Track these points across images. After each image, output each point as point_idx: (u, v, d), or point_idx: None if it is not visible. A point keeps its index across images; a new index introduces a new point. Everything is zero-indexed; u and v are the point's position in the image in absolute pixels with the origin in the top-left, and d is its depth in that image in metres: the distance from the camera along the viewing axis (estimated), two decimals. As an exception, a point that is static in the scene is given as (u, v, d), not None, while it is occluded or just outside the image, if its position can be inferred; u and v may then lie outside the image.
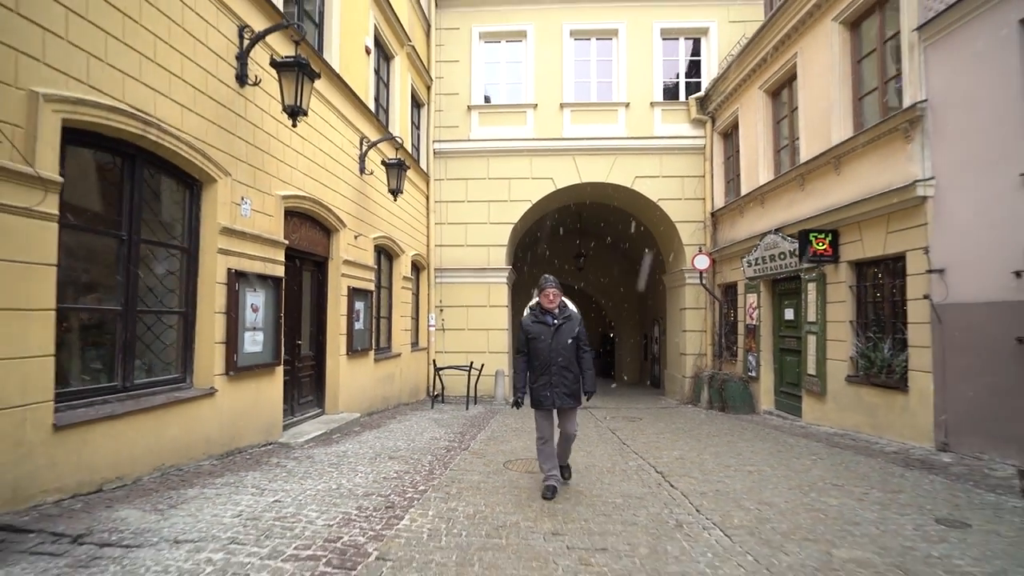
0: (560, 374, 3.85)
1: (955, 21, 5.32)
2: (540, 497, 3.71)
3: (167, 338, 4.25)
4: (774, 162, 8.92)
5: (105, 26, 3.49)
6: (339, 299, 6.84)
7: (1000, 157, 4.87)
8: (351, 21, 7.35)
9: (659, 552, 2.77)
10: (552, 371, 3.85)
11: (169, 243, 4.26)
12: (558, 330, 3.90)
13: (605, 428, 7.33)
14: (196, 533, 2.80)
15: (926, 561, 2.67)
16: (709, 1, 11.20)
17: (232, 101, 4.79)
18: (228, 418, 4.63)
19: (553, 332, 3.90)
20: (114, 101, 3.53)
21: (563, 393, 3.85)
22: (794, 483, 4.24)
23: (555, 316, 3.95)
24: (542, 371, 3.88)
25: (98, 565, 2.37)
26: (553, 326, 3.91)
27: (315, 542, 2.76)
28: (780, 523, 3.26)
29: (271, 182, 5.34)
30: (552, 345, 3.87)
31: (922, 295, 5.57)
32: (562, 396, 3.85)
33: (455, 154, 11.28)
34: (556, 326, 3.91)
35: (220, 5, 4.64)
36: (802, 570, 2.56)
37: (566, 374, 3.86)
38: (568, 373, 3.87)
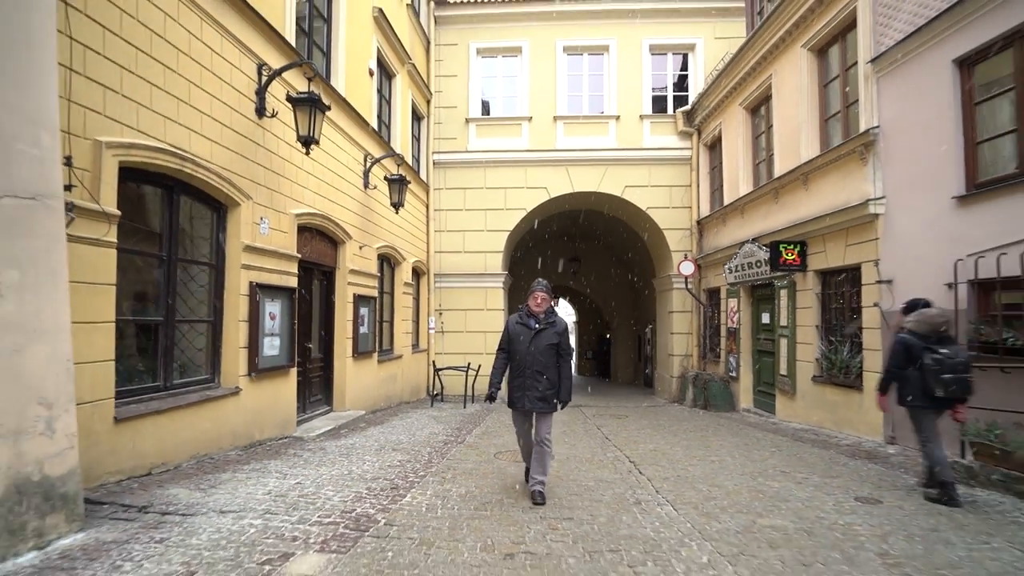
0: (534, 378, 3.88)
1: (902, 56, 5.93)
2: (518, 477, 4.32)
3: (198, 344, 4.89)
4: (753, 175, 9.54)
5: (150, 78, 4.12)
6: (346, 305, 7.48)
7: (937, 181, 5.49)
8: (355, 47, 7.98)
9: (615, 521, 3.39)
10: (526, 374, 3.90)
11: (200, 260, 4.90)
12: (538, 334, 3.95)
13: (592, 424, 7.94)
14: (236, 506, 3.43)
15: (830, 527, 3.29)
16: (695, 19, 11.80)
17: (252, 132, 5.42)
18: (250, 414, 5.27)
19: (533, 335, 3.95)
20: (158, 142, 4.16)
21: (535, 397, 3.89)
22: (748, 470, 4.87)
23: (539, 320, 4.00)
24: (517, 372, 3.96)
25: (164, 527, 3.00)
26: (534, 329, 3.97)
27: (334, 513, 3.39)
28: (723, 500, 3.89)
29: (286, 202, 5.97)
30: (530, 348, 3.92)
31: (873, 303, 6.20)
32: (533, 400, 3.89)
33: (454, 165, 11.90)
34: (537, 330, 3.96)
35: (242, 47, 5.27)
36: (727, 532, 3.19)
37: (539, 378, 3.88)
38: (542, 378, 3.88)
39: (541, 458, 3.91)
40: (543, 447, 3.91)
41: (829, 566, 2.72)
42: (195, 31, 4.64)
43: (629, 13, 11.77)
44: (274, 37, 5.72)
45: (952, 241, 5.28)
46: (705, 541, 3.05)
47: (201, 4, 4.69)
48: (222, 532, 2.97)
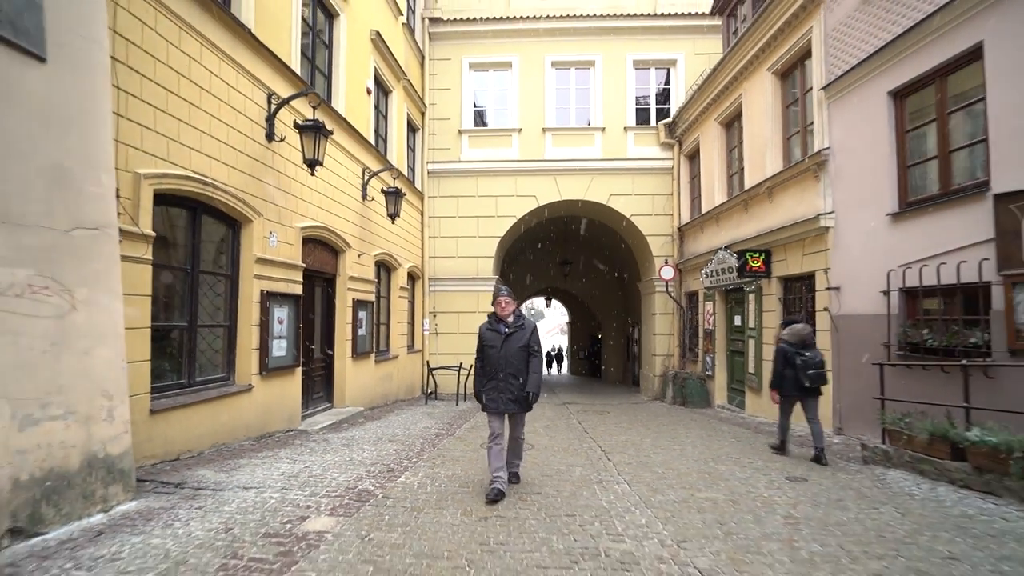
0: (507, 380, 4.02)
1: (848, 86, 6.62)
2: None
3: (216, 346, 5.53)
4: (727, 186, 10.23)
5: (178, 115, 4.77)
6: (345, 309, 8.12)
7: (876, 199, 6.18)
8: (354, 68, 8.63)
9: (576, 495, 4.05)
10: (500, 377, 4.03)
11: (217, 272, 5.54)
12: (508, 339, 4.09)
13: (574, 420, 8.60)
14: (256, 483, 4.08)
15: (754, 499, 3.96)
16: (677, 36, 12.49)
17: (263, 155, 6.07)
18: (261, 408, 5.92)
19: (503, 340, 4.09)
20: (184, 170, 4.81)
21: (508, 399, 4.02)
22: (702, 456, 5.55)
23: (508, 325, 4.15)
24: (491, 376, 4.08)
25: (199, 499, 3.65)
26: (504, 334, 4.11)
27: (339, 488, 4.04)
28: (672, 480, 4.56)
29: (292, 216, 6.62)
30: (501, 353, 4.06)
31: (823, 307, 6.89)
32: (507, 402, 4.02)
33: (447, 174, 12.55)
34: (507, 335, 4.11)
35: (254, 80, 5.91)
36: (667, 502, 3.85)
37: (512, 381, 4.01)
38: (515, 380, 4.02)
39: (517, 448, 4.31)
40: (518, 441, 4.30)
41: (740, 524, 3.39)
42: (214, 70, 5.28)
43: (614, 30, 12.46)
44: (281, 68, 6.37)
45: (887, 253, 5.97)
46: (647, 509, 3.72)
47: (219, 45, 5.33)
48: (248, 502, 3.62)
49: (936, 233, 5.40)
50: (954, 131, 5.42)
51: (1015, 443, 3.69)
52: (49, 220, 3.07)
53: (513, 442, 4.31)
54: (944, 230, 5.30)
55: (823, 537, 3.15)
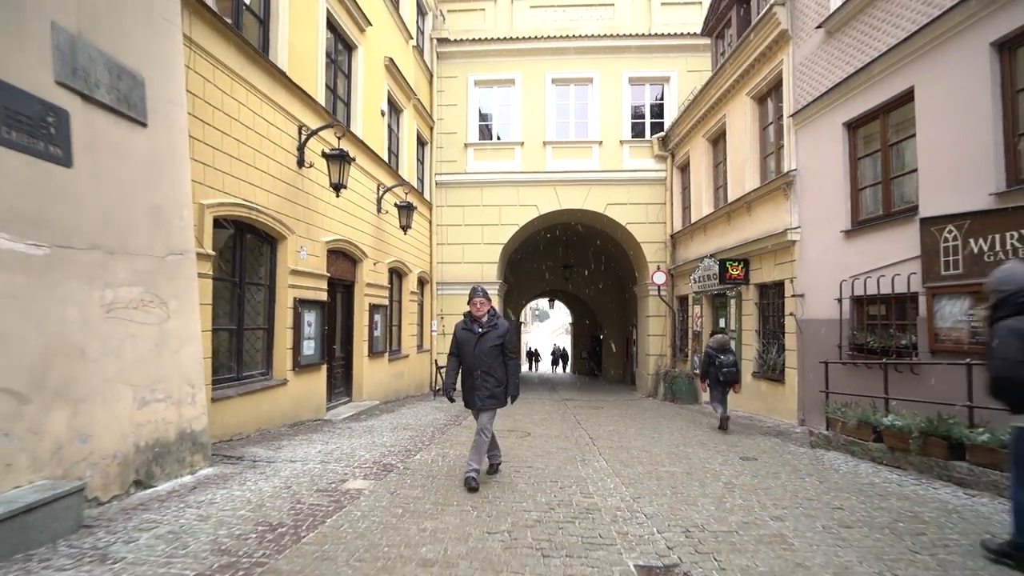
0: (482, 378, 4.26)
1: (811, 115, 7.51)
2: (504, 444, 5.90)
3: (257, 346, 6.51)
4: (713, 198, 11.11)
5: (230, 151, 5.74)
6: (362, 313, 9.10)
7: (831, 218, 7.07)
8: (370, 93, 9.60)
9: (561, 469, 4.98)
10: (475, 375, 4.29)
11: (258, 282, 6.52)
12: (482, 338, 4.31)
13: (570, 414, 9.52)
14: (300, 458, 5.05)
15: (707, 472, 4.88)
16: (670, 54, 13.37)
17: (294, 180, 7.05)
18: (294, 400, 6.90)
19: (477, 339, 4.31)
20: (235, 199, 5.78)
21: (484, 396, 4.28)
22: (675, 442, 6.47)
23: (481, 325, 4.36)
24: (467, 374, 4.35)
25: (258, 468, 4.62)
26: (478, 334, 4.33)
27: (368, 462, 5.00)
28: (644, 459, 5.48)
29: (318, 232, 7.60)
30: (475, 351, 4.28)
31: (790, 312, 7.78)
32: (483, 398, 4.29)
33: (454, 184, 13.51)
34: (480, 334, 4.32)
35: (287, 115, 6.89)
36: (635, 475, 4.78)
37: (488, 379, 4.27)
38: (490, 378, 4.27)
39: (479, 447, 4.28)
40: (482, 436, 4.28)
41: (687, 488, 4.31)
42: (257, 110, 6.26)
43: (611, 49, 13.37)
44: (310, 102, 7.35)
45: (840, 265, 6.86)
46: (617, 478, 4.64)
47: (261, 88, 6.31)
48: (297, 470, 4.59)
49: (879, 249, 6.28)
50: (894, 161, 6.31)
51: (914, 426, 4.60)
52: (151, 249, 4.04)
53: (478, 435, 4.29)
54: (885, 247, 6.19)
55: (748, 496, 4.07)
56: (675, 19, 13.62)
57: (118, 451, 3.56)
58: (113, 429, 3.53)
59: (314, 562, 2.69)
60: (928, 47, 5.63)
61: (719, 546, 3.02)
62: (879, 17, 6.34)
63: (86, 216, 3.49)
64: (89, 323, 3.42)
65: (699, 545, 3.04)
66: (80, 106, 3.52)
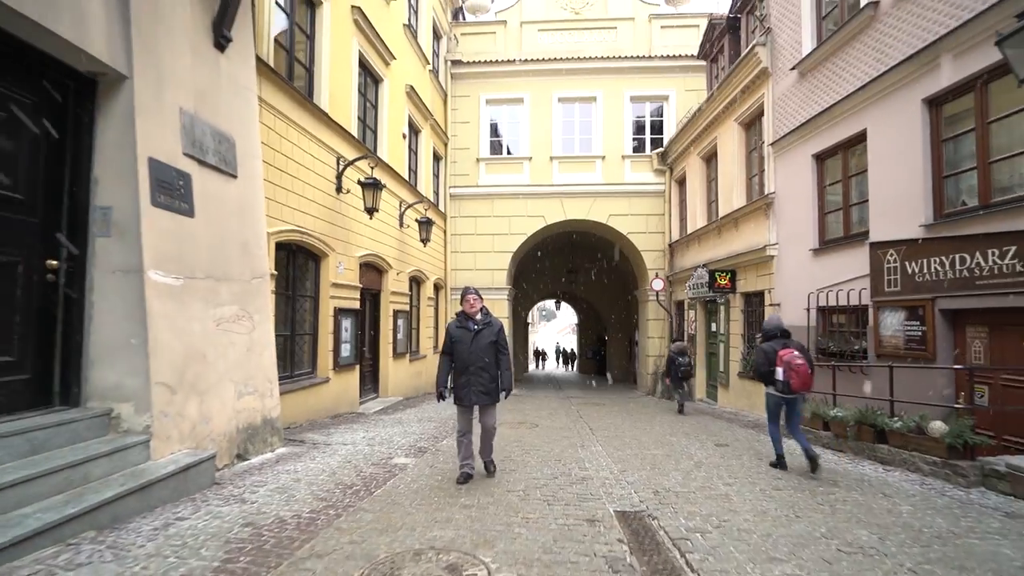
0: (477, 374, 4.41)
1: (786, 145, 8.58)
2: (515, 433, 7.04)
3: (305, 349, 7.70)
4: (707, 212, 12.19)
5: (286, 186, 6.92)
6: (388, 318, 10.28)
7: (803, 237, 8.14)
8: (394, 119, 10.76)
9: (565, 452, 6.11)
10: (470, 371, 4.41)
11: (305, 295, 7.70)
12: (477, 335, 4.47)
13: (573, 409, 10.66)
14: (349, 442, 6.22)
15: (682, 454, 5.99)
16: (669, 75, 14.44)
17: (333, 204, 8.22)
18: (334, 395, 8.08)
19: (473, 336, 4.47)
20: (290, 226, 6.96)
21: (479, 392, 4.42)
22: (663, 432, 7.58)
23: (476, 322, 4.51)
24: (461, 371, 4.46)
25: (318, 449, 5.79)
26: (473, 331, 4.48)
27: (405, 445, 6.16)
28: (633, 444, 6.60)
29: (353, 248, 8.77)
30: (471, 348, 4.42)
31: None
32: (478, 394, 4.43)
33: (467, 197, 14.66)
34: (476, 331, 4.48)
35: (328, 148, 8.06)
36: (624, 455, 5.89)
37: (482, 375, 4.42)
38: (484, 374, 4.42)
39: (489, 441, 4.70)
40: (490, 433, 4.64)
41: (664, 465, 5.42)
42: (305, 147, 7.43)
43: (614, 70, 14.45)
44: (346, 135, 8.52)
45: (809, 279, 7.94)
46: (609, 458, 5.77)
47: (308, 128, 7.48)
48: (350, 450, 5.76)
49: (840, 266, 7.36)
50: (853, 191, 7.38)
51: (850, 416, 5.69)
52: (241, 275, 5.22)
53: (485, 433, 4.60)
54: (844, 265, 7.26)
55: (710, 471, 5.18)
56: (673, 41, 14.68)
57: (226, 431, 4.74)
58: (223, 414, 4.72)
59: (387, 506, 3.84)
60: (877, 97, 6.70)
61: (677, 500, 4.15)
62: (840, 66, 7.41)
63: (202, 253, 4.66)
64: (207, 334, 4.60)
65: (662, 500, 4.16)
66: (197, 169, 4.69)
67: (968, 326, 5.62)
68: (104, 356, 3.87)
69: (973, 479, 4.45)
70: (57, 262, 3.77)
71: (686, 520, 3.66)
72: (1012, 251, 4.95)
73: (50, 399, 3.75)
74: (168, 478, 3.68)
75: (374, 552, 2.93)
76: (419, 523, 3.45)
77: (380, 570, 2.69)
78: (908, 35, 6.23)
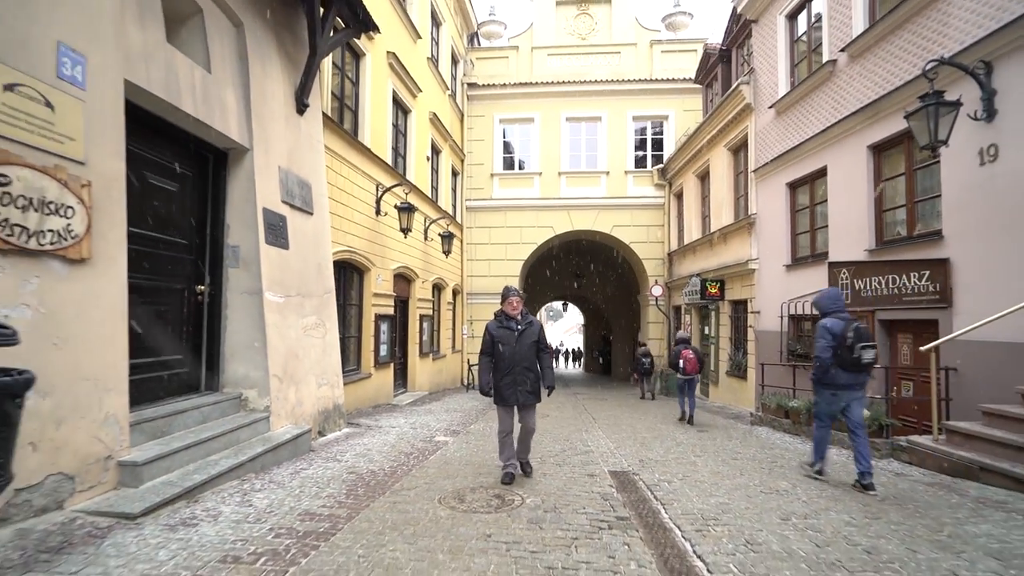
0: (523, 374, 4.45)
1: (766, 173, 9.98)
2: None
3: (352, 349, 9.19)
4: (701, 225, 13.58)
5: (341, 214, 8.41)
6: (415, 322, 11.77)
7: (778, 253, 9.54)
8: (420, 144, 12.25)
9: (572, 435, 7.55)
10: (516, 371, 4.44)
11: (352, 304, 9.20)
12: (521, 335, 4.50)
13: (579, 403, 12.11)
14: (395, 426, 7.70)
15: (668, 436, 7.43)
16: (669, 96, 15.83)
17: (373, 225, 9.71)
18: (375, 388, 9.58)
19: (517, 336, 4.49)
20: (343, 247, 8.45)
21: (526, 391, 4.45)
22: (655, 421, 9.01)
23: (518, 322, 4.53)
24: (507, 371, 4.46)
25: (373, 430, 7.27)
26: (517, 331, 4.51)
27: (441, 428, 7.63)
28: (628, 430, 8.04)
29: (388, 262, 10.26)
30: (516, 348, 4.45)
31: (750, 325, 10.27)
32: (525, 394, 4.45)
33: (481, 209, 16.12)
34: (520, 331, 4.51)
35: (369, 178, 9.54)
36: (620, 437, 7.33)
37: (528, 374, 4.47)
38: (530, 373, 4.48)
39: (527, 441, 4.78)
40: (530, 433, 4.74)
41: (650, 443, 6.86)
42: (352, 178, 8.92)
43: (617, 92, 15.86)
44: (383, 164, 10.00)
45: (783, 290, 9.34)
46: (607, 439, 7.20)
47: (354, 163, 8.96)
48: (398, 432, 7.24)
49: (806, 281, 8.75)
50: (817, 216, 8.77)
51: (802, 407, 7.10)
52: (317, 291, 6.70)
53: (524, 433, 4.68)
54: (810, 279, 8.66)
55: (687, 448, 6.61)
56: (673, 65, 16.06)
57: (312, 413, 6.23)
58: (310, 400, 6.21)
59: (441, 465, 5.30)
60: (835, 139, 8.09)
61: (655, 465, 5.58)
62: (807, 110, 8.80)
63: (294, 276, 6.15)
64: (298, 338, 6.09)
65: (644, 465, 5.60)
66: (289, 211, 6.18)
67: (898, 333, 7.02)
68: (235, 355, 5.37)
69: (885, 452, 5.86)
70: (204, 287, 5.27)
71: (659, 476, 5.09)
72: (927, 274, 6.35)
73: (199, 386, 5.24)
74: (287, 443, 5.16)
75: (443, 488, 4.38)
76: (468, 475, 4.91)
77: (452, 495, 4.14)
78: (858, 91, 7.63)
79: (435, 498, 4.08)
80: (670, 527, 3.57)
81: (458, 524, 3.49)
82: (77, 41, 3.53)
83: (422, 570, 2.77)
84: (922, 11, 6.54)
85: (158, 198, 4.72)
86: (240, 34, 5.57)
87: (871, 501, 4.25)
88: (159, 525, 3.23)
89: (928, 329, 6.44)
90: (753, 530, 3.51)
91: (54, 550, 2.79)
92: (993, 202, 5.59)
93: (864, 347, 4.52)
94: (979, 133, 5.70)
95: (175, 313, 4.96)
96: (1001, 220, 5.50)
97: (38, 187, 3.19)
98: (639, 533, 3.41)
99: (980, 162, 5.73)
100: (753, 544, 3.25)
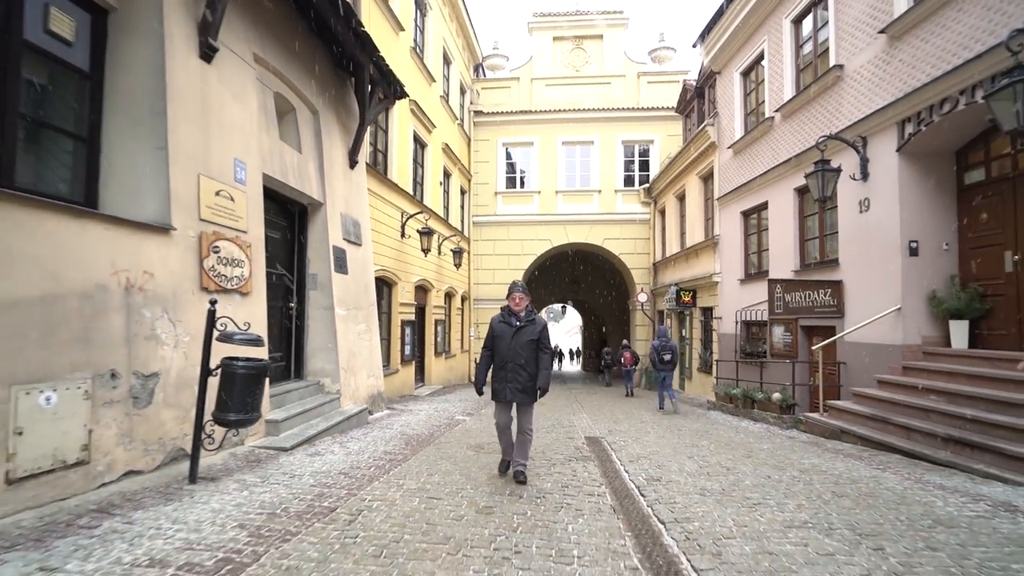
0: (515, 371, 4.41)
1: (727, 201, 12.15)
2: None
3: (383, 349, 11.39)
4: (680, 241, 15.76)
5: (379, 240, 10.60)
6: (431, 326, 13.98)
7: (735, 270, 11.72)
8: (434, 171, 14.45)
9: (561, 417, 9.73)
10: (508, 368, 4.42)
11: (383, 312, 11.40)
12: (519, 331, 4.48)
13: (573, 396, 14.30)
14: (422, 410, 9.89)
15: (638, 418, 9.61)
16: (654, 122, 18.00)
17: (399, 246, 11.91)
18: (401, 381, 11.78)
19: (514, 332, 4.48)
20: (379, 266, 10.64)
21: (516, 389, 4.42)
22: (631, 409, 11.20)
23: (519, 319, 4.52)
24: (500, 367, 4.48)
25: (406, 412, 9.47)
26: (515, 327, 4.49)
27: (458, 412, 9.82)
28: (607, 414, 10.22)
29: (410, 276, 12.47)
30: (512, 344, 4.43)
31: (714, 329, 12.45)
32: (515, 392, 4.42)
33: (486, 223, 18.31)
34: (518, 327, 4.48)
35: (394, 207, 11.74)
36: (599, 418, 9.51)
37: (521, 372, 4.40)
38: (523, 372, 4.40)
39: (523, 446, 4.56)
40: (525, 436, 4.53)
41: (622, 423, 9.04)
42: (384, 210, 11.12)
43: (608, 119, 18.03)
44: (406, 195, 12.21)
45: (738, 300, 11.52)
46: (589, 419, 9.38)
47: (386, 197, 11.16)
48: (426, 413, 9.43)
49: (755, 293, 10.93)
50: (763, 241, 10.95)
51: (740, 393, 9.28)
52: (365, 304, 8.89)
53: (521, 435, 4.55)
54: (757, 292, 10.83)
55: (650, 426, 8.78)
56: (658, 94, 18.22)
57: (365, 396, 8.43)
58: (363, 387, 8.40)
59: (463, 433, 7.48)
60: (772, 181, 10.26)
61: (620, 433, 7.76)
62: (755, 153, 10.98)
63: (351, 294, 8.34)
64: (355, 341, 8.28)
65: (612, 433, 7.77)
66: (347, 245, 8.37)
67: (814, 336, 9.20)
68: (315, 353, 7.57)
69: (789, 424, 8.05)
70: (293, 304, 7.47)
71: (620, 439, 7.27)
72: (829, 291, 8.52)
73: (289, 375, 7.44)
74: (353, 416, 7.36)
75: (467, 442, 6.56)
76: (483, 438, 7.08)
77: (473, 447, 6.31)
78: (788, 144, 9.80)
79: (463, 446, 6.28)
80: (615, 460, 5.77)
81: (480, 457, 5.70)
82: (241, 154, 5.73)
83: (463, 470, 4.97)
84: (826, 91, 8.72)
85: (271, 245, 6.92)
86: (316, 119, 7.78)
87: (757, 452, 6.45)
88: (303, 454, 5.43)
89: (831, 333, 8.63)
90: (664, 462, 5.70)
91: (253, 463, 4.99)
92: (866, 240, 7.77)
93: (665, 353, 8.48)
94: (858, 189, 7.88)
95: (278, 323, 7.17)
96: (871, 254, 7.68)
97: (231, 251, 5.39)
98: (595, 464, 5.60)
99: (859, 211, 7.91)
100: (662, 468, 5.44)
